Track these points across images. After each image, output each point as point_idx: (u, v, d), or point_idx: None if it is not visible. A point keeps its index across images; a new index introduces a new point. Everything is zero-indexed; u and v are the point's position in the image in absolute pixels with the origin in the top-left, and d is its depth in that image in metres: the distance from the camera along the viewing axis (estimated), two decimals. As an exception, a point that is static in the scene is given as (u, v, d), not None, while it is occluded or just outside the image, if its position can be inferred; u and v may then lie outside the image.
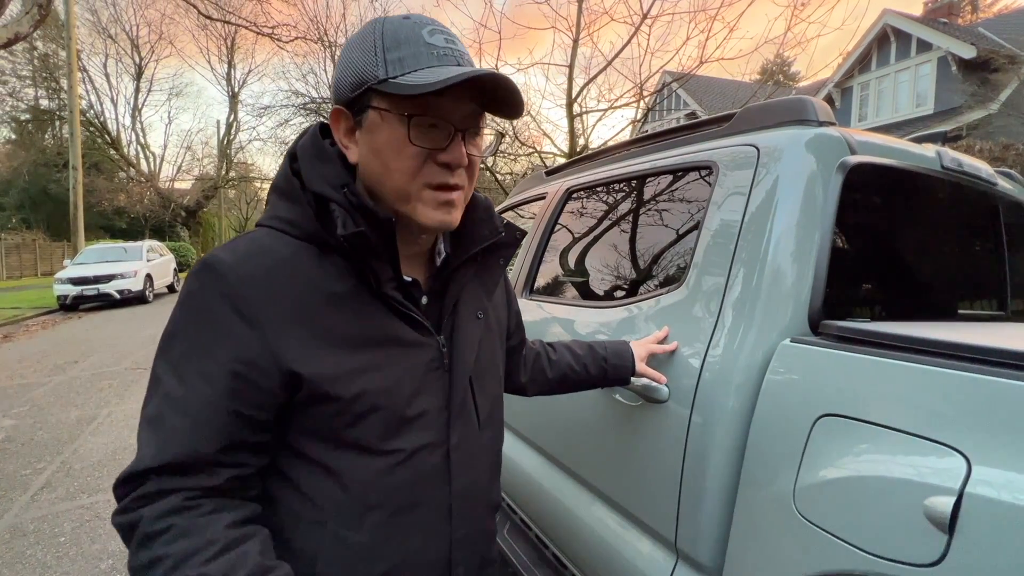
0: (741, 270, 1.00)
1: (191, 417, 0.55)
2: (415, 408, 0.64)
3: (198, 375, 0.55)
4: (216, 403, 0.55)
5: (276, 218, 0.62)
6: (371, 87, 0.58)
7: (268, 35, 11.33)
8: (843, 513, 0.71)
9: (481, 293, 0.75)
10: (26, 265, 20.22)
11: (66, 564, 2.19)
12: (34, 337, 7.80)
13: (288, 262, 0.59)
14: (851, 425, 0.74)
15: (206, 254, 0.60)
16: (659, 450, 1.05)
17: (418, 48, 0.57)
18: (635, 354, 1.05)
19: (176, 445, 0.54)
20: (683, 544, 0.98)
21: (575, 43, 7.79)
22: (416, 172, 0.59)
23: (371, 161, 0.61)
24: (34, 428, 3.80)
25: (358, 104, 0.60)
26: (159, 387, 0.57)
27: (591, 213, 1.69)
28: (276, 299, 0.57)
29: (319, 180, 0.61)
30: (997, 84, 10.58)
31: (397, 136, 0.58)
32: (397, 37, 0.58)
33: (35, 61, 23.40)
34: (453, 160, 0.59)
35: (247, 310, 0.55)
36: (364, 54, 0.58)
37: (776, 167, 1.03)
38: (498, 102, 0.61)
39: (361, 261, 0.60)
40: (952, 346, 0.70)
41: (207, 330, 0.56)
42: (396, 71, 0.56)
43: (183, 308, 0.58)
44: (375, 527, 0.61)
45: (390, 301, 0.62)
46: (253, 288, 0.56)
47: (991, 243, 1.36)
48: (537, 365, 1.00)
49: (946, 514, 0.59)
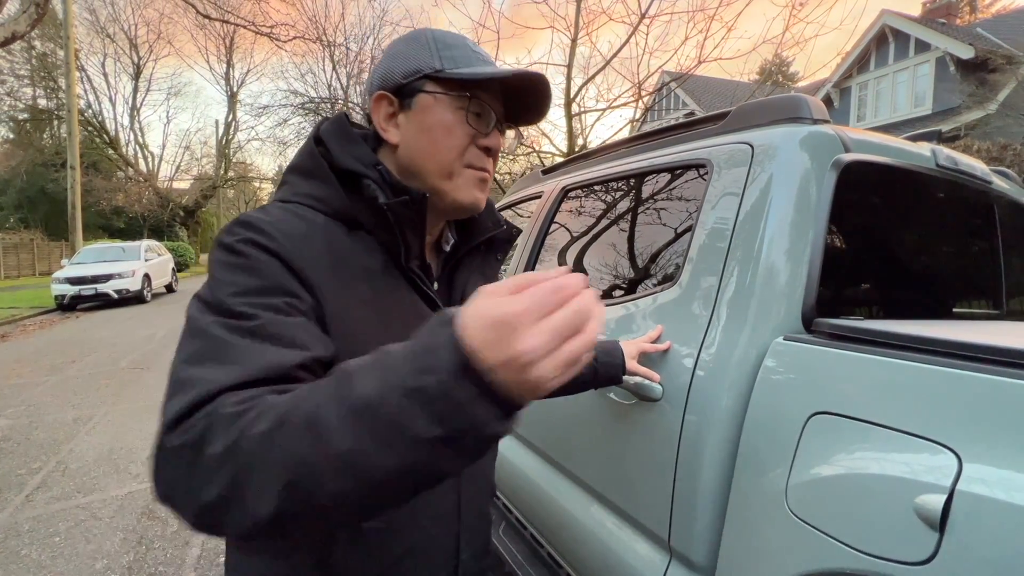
0: (735, 268, 1.00)
1: (260, 337, 0.48)
2: None
3: (260, 307, 0.50)
4: (287, 322, 0.51)
5: (302, 195, 0.63)
6: (426, 74, 0.64)
7: (267, 35, 11.33)
8: (835, 511, 0.71)
9: (482, 284, 0.78)
10: (24, 265, 20.18)
11: (61, 564, 2.18)
12: (31, 337, 7.79)
13: (324, 229, 0.60)
14: (843, 423, 0.74)
15: (238, 217, 0.58)
16: (653, 448, 1.05)
17: (467, 51, 0.65)
18: (626, 353, 1.05)
19: (247, 358, 0.46)
20: (676, 543, 0.98)
21: (573, 43, 7.79)
22: (462, 151, 0.65)
23: (418, 139, 0.65)
24: (30, 428, 3.79)
25: (407, 89, 0.65)
26: (207, 331, 0.49)
27: (587, 211, 1.68)
28: (316, 260, 0.57)
29: (350, 158, 0.64)
30: (995, 84, 10.60)
31: (449, 117, 0.64)
32: (447, 41, 0.65)
33: (33, 60, 23.37)
34: (493, 145, 0.66)
35: (293, 261, 0.55)
36: (419, 49, 0.65)
37: (770, 165, 1.03)
38: (522, 110, 0.69)
39: (393, 234, 0.62)
40: (944, 344, 0.69)
41: (256, 275, 0.52)
42: (451, 65, 0.63)
43: (224, 263, 0.54)
44: (389, 512, 0.57)
45: (413, 278, 0.65)
46: (295, 245, 0.56)
47: (986, 242, 1.36)
48: None
49: (937, 512, 0.59)
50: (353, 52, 14.86)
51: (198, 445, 0.41)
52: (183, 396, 0.44)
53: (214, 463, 0.40)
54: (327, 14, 20.39)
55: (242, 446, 0.39)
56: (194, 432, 0.41)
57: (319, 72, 15.76)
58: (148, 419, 3.96)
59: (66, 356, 6.18)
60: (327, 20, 16.96)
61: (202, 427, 0.41)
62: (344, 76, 16.62)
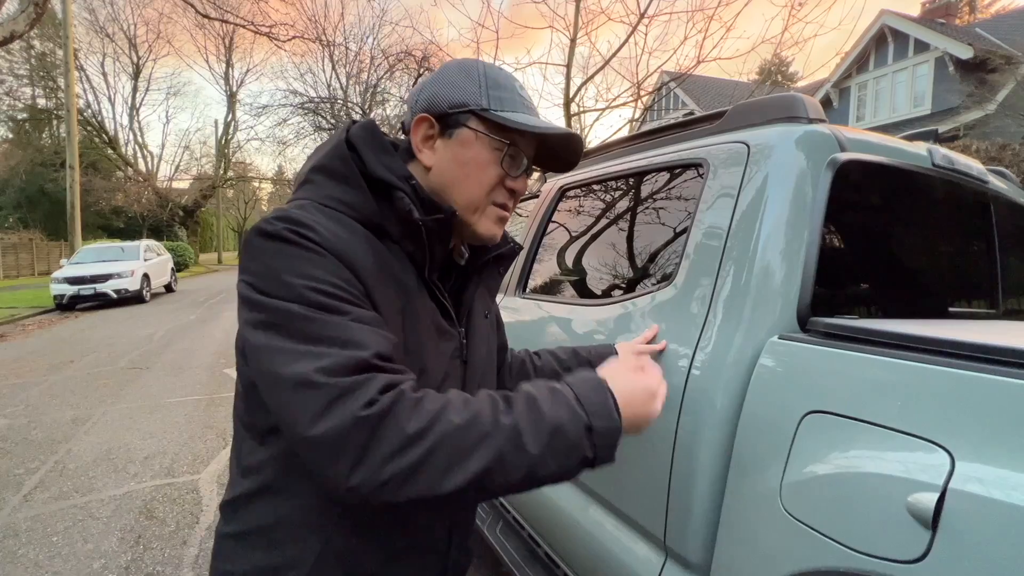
0: (731, 267, 1.00)
1: (361, 322, 0.54)
2: (444, 390, 0.66)
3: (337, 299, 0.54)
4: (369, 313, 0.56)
5: (331, 198, 0.63)
6: (472, 111, 0.66)
7: (266, 34, 11.32)
8: (829, 510, 0.71)
9: (487, 296, 0.83)
10: (23, 265, 20.16)
11: (58, 563, 2.18)
12: (30, 337, 7.78)
13: (361, 233, 0.61)
14: (837, 422, 0.74)
15: (274, 211, 0.58)
16: (648, 447, 1.05)
17: (514, 95, 0.68)
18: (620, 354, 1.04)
19: (365, 336, 0.53)
20: (672, 541, 0.98)
21: (572, 42, 7.79)
22: (491, 189, 0.68)
23: (453, 168, 0.67)
24: (28, 427, 3.79)
25: (451, 119, 0.67)
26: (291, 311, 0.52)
27: (585, 211, 1.69)
28: (364, 262, 0.59)
29: (383, 168, 0.65)
30: (994, 84, 10.60)
31: (486, 156, 0.67)
32: (498, 80, 0.68)
33: (32, 60, 23.36)
34: (519, 188, 0.71)
35: (350, 263, 0.57)
36: (470, 82, 0.67)
37: (766, 164, 1.03)
38: (553, 159, 0.74)
39: (421, 246, 0.65)
40: (938, 343, 0.69)
41: (322, 270, 0.54)
42: (497, 107, 0.66)
43: (274, 251, 0.55)
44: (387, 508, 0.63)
45: (432, 288, 0.69)
46: (344, 246, 0.57)
47: (982, 241, 1.36)
48: (522, 372, 1.01)
49: (929, 510, 0.59)
50: (352, 52, 14.86)
51: (387, 416, 0.49)
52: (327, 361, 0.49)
53: (407, 440, 0.48)
54: (327, 14, 20.46)
55: (439, 431, 0.50)
56: (381, 405, 0.49)
57: (318, 72, 15.80)
58: (147, 419, 3.96)
59: (65, 356, 6.17)
60: (326, 20, 16.96)
61: (389, 401, 0.49)
62: (344, 76, 16.61)
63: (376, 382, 0.50)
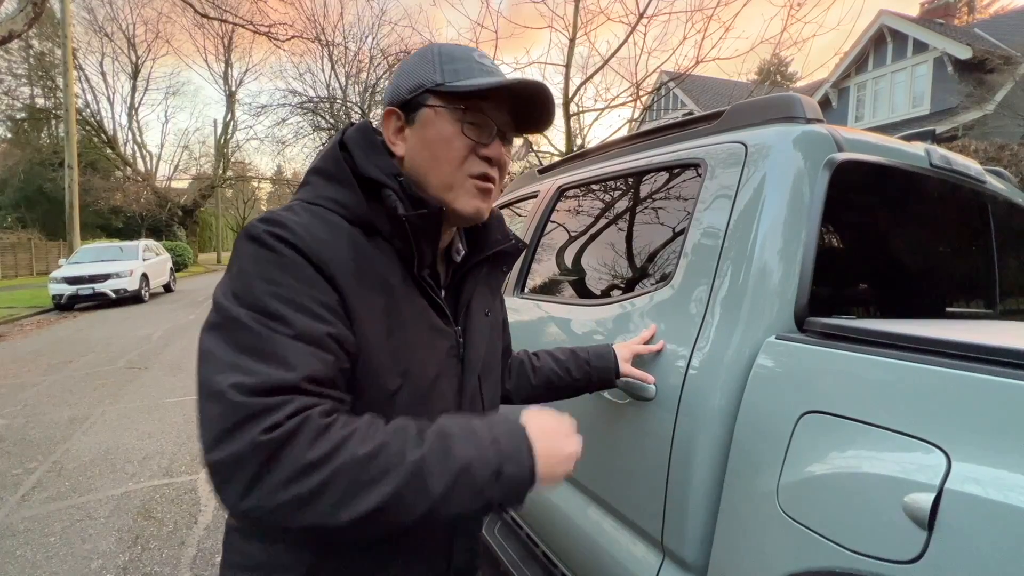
0: (728, 267, 1.00)
1: (301, 335, 0.53)
2: (436, 390, 0.68)
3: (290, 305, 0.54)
4: (319, 330, 0.54)
5: (324, 198, 0.64)
6: (428, 89, 0.66)
7: (265, 34, 11.30)
8: (825, 510, 0.71)
9: (488, 294, 0.81)
10: (21, 264, 20.13)
11: (56, 564, 2.18)
12: (28, 336, 7.77)
13: (349, 234, 0.62)
14: (834, 422, 0.74)
15: (266, 215, 0.60)
16: (646, 447, 1.05)
17: (470, 64, 0.67)
18: (619, 355, 1.05)
19: (299, 357, 0.52)
20: (669, 542, 0.98)
21: (572, 42, 7.79)
22: (462, 162, 0.66)
23: (420, 152, 0.67)
24: (26, 427, 3.79)
25: (412, 104, 0.67)
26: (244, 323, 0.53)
27: (583, 211, 1.69)
28: (341, 264, 0.59)
29: (373, 167, 0.66)
30: (993, 85, 10.61)
31: (449, 130, 0.65)
32: (453, 54, 0.67)
33: (31, 59, 23.32)
34: (494, 154, 0.67)
35: (320, 265, 0.57)
36: (423, 64, 0.67)
37: (764, 164, 1.03)
38: (530, 118, 0.70)
39: (409, 244, 0.64)
40: (935, 343, 0.69)
41: (293, 277, 0.55)
42: (452, 78, 0.65)
43: (254, 256, 0.56)
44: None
45: (424, 286, 0.68)
46: (322, 248, 0.58)
47: (980, 241, 1.36)
48: (521, 372, 1.01)
49: (925, 511, 0.59)
50: (352, 51, 14.85)
51: (287, 442, 0.48)
52: (248, 378, 0.49)
53: (304, 468, 0.47)
54: (326, 13, 20.40)
55: (338, 461, 0.48)
56: (284, 430, 0.48)
57: (317, 71, 15.77)
58: (145, 419, 3.96)
59: (63, 356, 6.16)
60: (326, 19, 16.94)
61: (293, 426, 0.48)
62: (343, 75, 16.59)
63: (288, 406, 0.49)
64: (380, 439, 0.51)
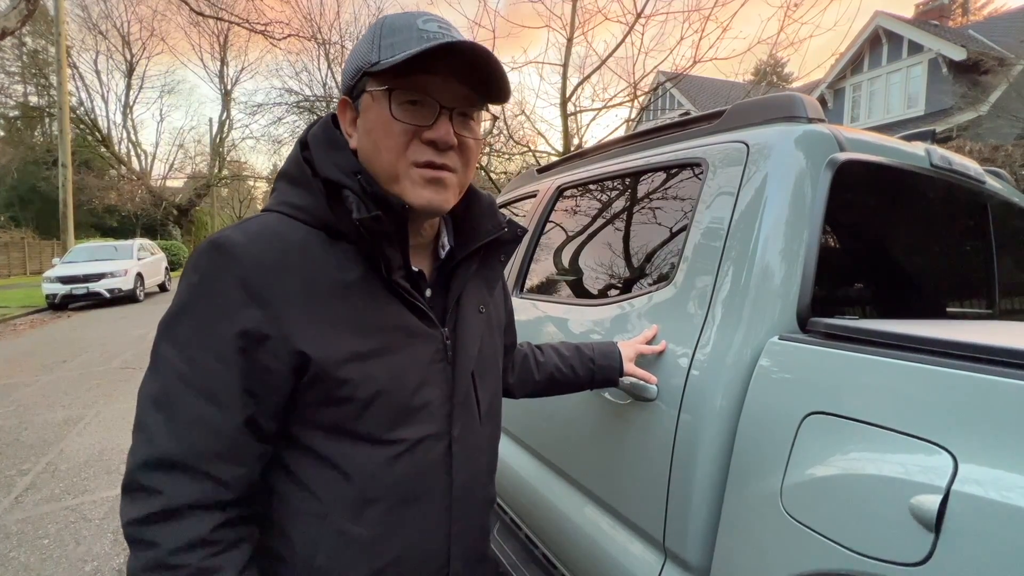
0: (730, 267, 1.00)
1: (205, 397, 0.54)
2: (420, 398, 0.64)
3: (210, 354, 0.55)
4: (230, 382, 0.55)
5: (285, 203, 0.62)
6: (365, 71, 0.60)
7: (261, 32, 11.24)
8: (830, 512, 0.70)
9: (483, 288, 0.75)
10: (15, 264, 19.96)
11: (50, 566, 2.15)
12: (22, 336, 7.70)
13: (299, 247, 0.59)
14: (838, 423, 0.74)
15: (215, 234, 0.58)
16: (647, 448, 1.04)
17: (410, 34, 0.59)
18: (624, 355, 1.03)
19: (195, 428, 0.54)
20: (671, 543, 0.97)
21: (569, 42, 7.79)
22: (403, 149, 0.60)
23: (365, 142, 0.62)
24: (19, 428, 3.75)
25: (356, 90, 0.62)
26: (165, 367, 0.56)
27: (582, 210, 1.68)
28: (287, 283, 0.57)
29: (331, 167, 0.61)
30: (987, 86, 10.68)
31: (385, 114, 0.59)
32: (394, 26, 0.60)
33: (24, 57, 23.13)
34: (438, 138, 0.59)
35: (259, 292, 0.55)
36: (366, 43, 0.61)
37: (765, 164, 1.03)
38: (487, 85, 0.61)
39: (372, 247, 0.60)
40: (940, 343, 0.69)
41: (218, 310, 0.55)
42: (387, 54, 0.58)
43: (191, 288, 0.56)
44: (375, 520, 0.62)
45: (398, 290, 0.62)
46: (265, 271, 0.56)
47: (979, 241, 1.36)
48: (524, 367, 0.99)
49: (932, 513, 0.58)
50: (348, 50, 14.79)
51: (136, 547, 0.54)
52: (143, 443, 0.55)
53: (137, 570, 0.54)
54: (322, 12, 20.34)
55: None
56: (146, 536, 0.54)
57: (314, 70, 15.68)
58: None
59: (57, 356, 6.12)
60: (322, 18, 16.85)
61: (144, 539, 0.54)
62: (339, 74, 16.52)
63: (158, 501, 0.53)
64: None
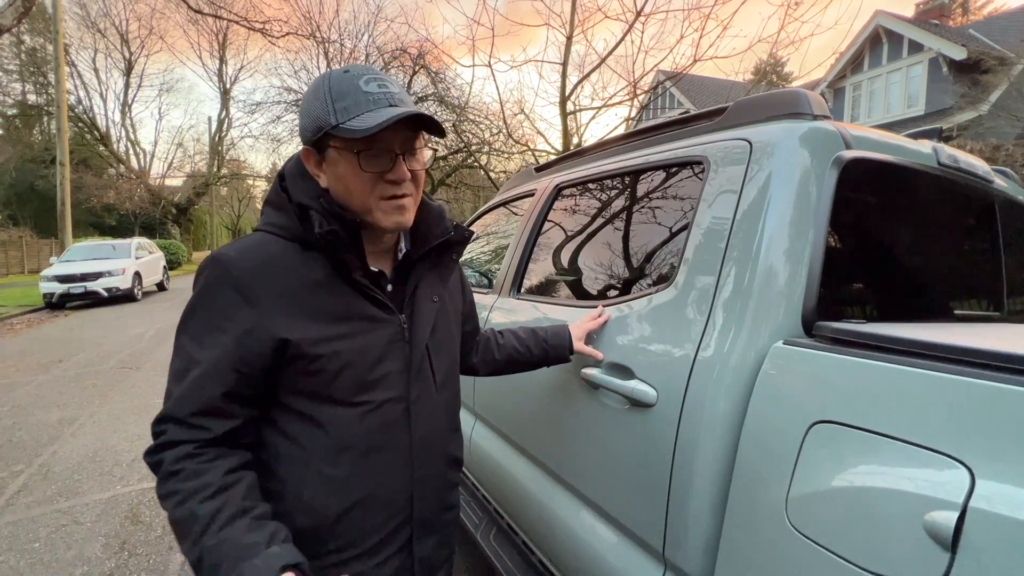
0: (732, 269, 0.96)
1: (206, 372, 0.72)
2: (379, 371, 0.81)
3: (212, 343, 0.73)
4: (224, 362, 0.73)
5: (270, 224, 0.80)
6: (327, 131, 0.75)
7: (259, 30, 11.20)
8: (838, 526, 0.67)
9: (437, 281, 0.92)
10: (12, 262, 19.89)
11: (40, 571, 2.12)
12: (19, 335, 7.66)
13: (279, 256, 0.77)
14: (847, 433, 0.70)
15: (216, 250, 0.77)
16: (647, 456, 1.01)
17: (357, 97, 0.74)
18: (573, 335, 1.19)
19: (194, 394, 0.72)
20: (671, 554, 0.94)
21: (569, 40, 7.75)
22: (371, 190, 0.77)
23: (337, 186, 0.79)
24: (13, 429, 3.72)
25: (320, 144, 0.77)
26: (182, 351, 0.75)
27: (581, 210, 1.64)
28: (270, 284, 0.74)
29: (301, 193, 0.79)
30: (987, 85, 10.66)
31: (352, 167, 0.76)
32: (340, 89, 0.75)
33: (22, 55, 23.06)
34: (398, 178, 0.77)
35: (248, 293, 0.73)
36: (319, 104, 0.75)
37: (769, 162, 0.99)
38: (426, 126, 0.79)
39: (334, 254, 0.77)
40: (955, 350, 0.66)
41: (217, 310, 0.74)
42: (344, 117, 0.73)
43: (198, 294, 0.75)
44: (350, 464, 0.79)
45: (359, 286, 0.79)
46: (252, 276, 0.74)
47: (987, 242, 1.33)
48: (487, 348, 1.17)
49: (949, 530, 0.55)
50: (348, 49, 14.71)
51: (155, 471, 0.73)
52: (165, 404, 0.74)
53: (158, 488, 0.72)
54: (321, 10, 20.09)
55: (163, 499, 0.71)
56: (154, 459, 0.73)
57: (313, 69, 15.55)
58: (135, 420, 3.89)
59: (53, 355, 6.08)
60: (321, 16, 16.73)
61: (155, 461, 0.72)
62: (338, 73, 16.40)
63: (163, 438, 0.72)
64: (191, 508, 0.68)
